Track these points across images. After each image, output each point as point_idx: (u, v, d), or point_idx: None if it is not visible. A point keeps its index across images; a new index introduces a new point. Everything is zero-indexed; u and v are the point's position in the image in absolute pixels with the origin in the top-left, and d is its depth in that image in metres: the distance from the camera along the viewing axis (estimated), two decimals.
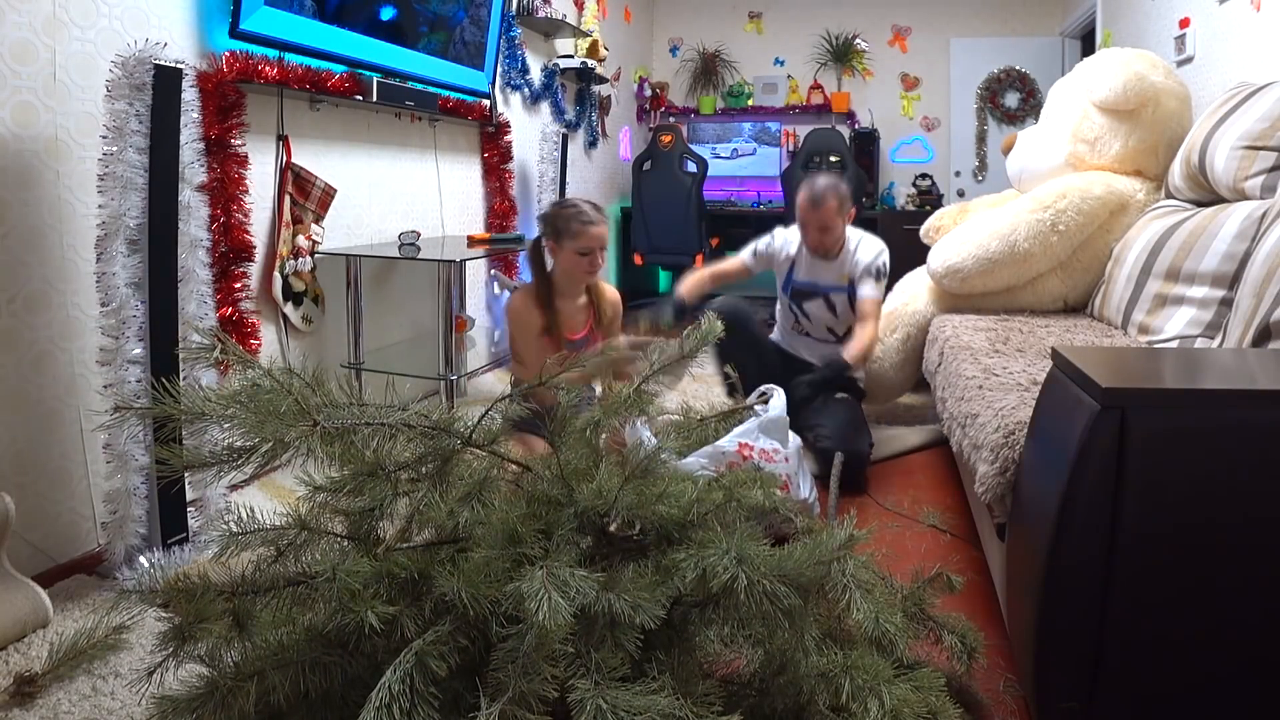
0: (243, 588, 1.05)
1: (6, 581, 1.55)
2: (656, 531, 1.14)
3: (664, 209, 4.76)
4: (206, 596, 1.01)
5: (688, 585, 1.03)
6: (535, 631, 0.87)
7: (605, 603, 0.94)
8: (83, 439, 1.85)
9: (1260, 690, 1.11)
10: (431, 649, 0.92)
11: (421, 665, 0.90)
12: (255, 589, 1.06)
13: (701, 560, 1.02)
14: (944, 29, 5.46)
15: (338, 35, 2.48)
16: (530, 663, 0.87)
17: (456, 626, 0.96)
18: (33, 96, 1.73)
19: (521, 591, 0.89)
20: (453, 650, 0.93)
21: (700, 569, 1.01)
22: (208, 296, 1.82)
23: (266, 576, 1.08)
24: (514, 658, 0.88)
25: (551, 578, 0.90)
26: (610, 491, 1.12)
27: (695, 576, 1.01)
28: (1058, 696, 1.15)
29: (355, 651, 1.01)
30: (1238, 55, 2.70)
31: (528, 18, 3.83)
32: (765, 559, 1.02)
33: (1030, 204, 2.68)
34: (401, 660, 0.90)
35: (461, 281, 3.14)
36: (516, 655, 0.88)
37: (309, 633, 1.02)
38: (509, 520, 1.05)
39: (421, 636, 0.93)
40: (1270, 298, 1.59)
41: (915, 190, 5.29)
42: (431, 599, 1.00)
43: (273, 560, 1.10)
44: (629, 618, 0.93)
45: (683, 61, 5.98)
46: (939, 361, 2.33)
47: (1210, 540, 1.06)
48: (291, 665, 0.98)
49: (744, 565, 0.99)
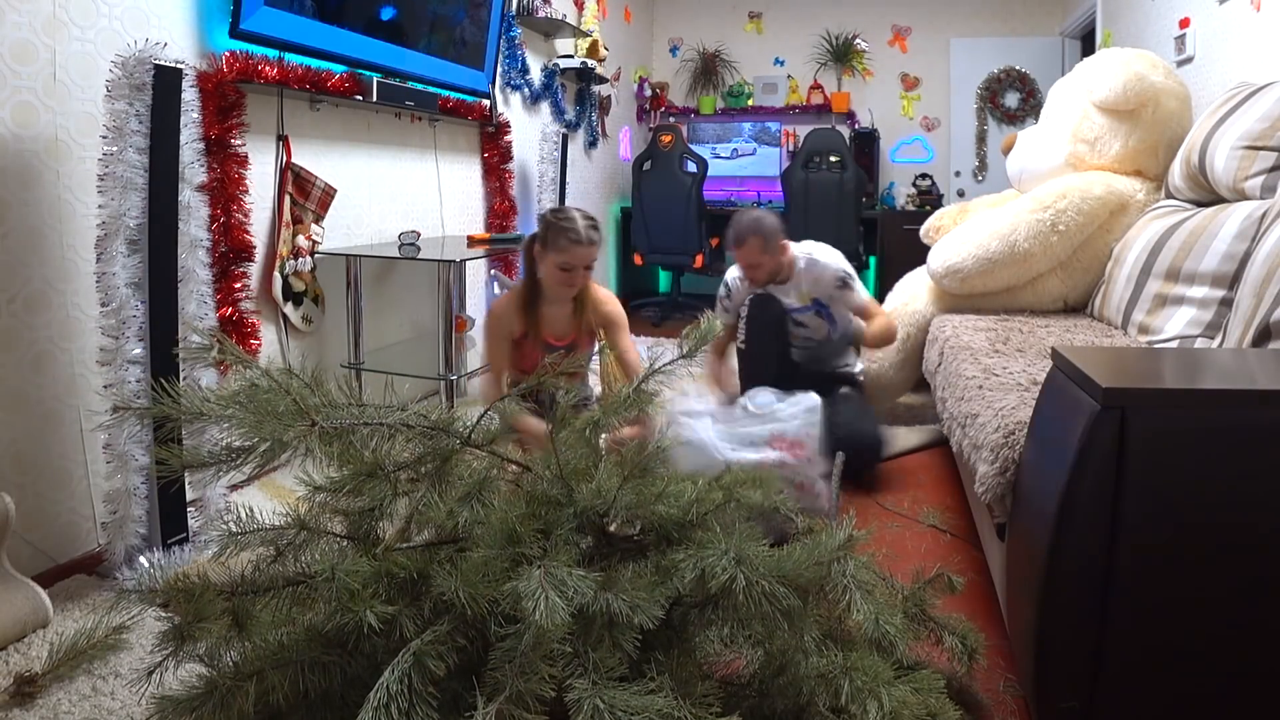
0: (242, 587, 1.06)
1: (6, 581, 1.55)
2: (656, 531, 1.14)
3: (664, 209, 4.76)
4: (206, 596, 1.01)
5: (687, 586, 1.03)
6: (533, 631, 0.87)
7: (603, 602, 0.94)
8: (83, 439, 1.85)
9: (1260, 690, 1.11)
10: (430, 649, 0.92)
11: (420, 665, 0.90)
12: (254, 589, 1.06)
13: (700, 560, 1.02)
14: (944, 29, 5.46)
15: (338, 35, 2.48)
16: (528, 662, 0.87)
17: (455, 626, 0.96)
18: (33, 96, 1.73)
19: (519, 591, 0.88)
20: (451, 650, 0.93)
21: (699, 569, 1.01)
22: (208, 296, 1.82)
23: (266, 576, 1.08)
24: (511, 657, 0.88)
25: (549, 577, 0.90)
26: (609, 491, 1.12)
27: (694, 577, 1.01)
28: (1058, 696, 1.15)
29: (355, 651, 1.01)
30: (1238, 55, 2.70)
31: (528, 18, 3.83)
32: (764, 559, 1.02)
33: (1030, 204, 2.68)
34: (400, 660, 0.90)
35: (461, 281, 3.13)
36: (514, 654, 0.88)
37: (309, 632, 1.02)
38: (508, 520, 1.05)
39: (420, 636, 0.93)
40: (1270, 298, 1.59)
41: (915, 190, 5.29)
42: (430, 599, 1.00)
43: (272, 560, 1.10)
44: (627, 618, 0.93)
45: (683, 61, 5.98)
46: (939, 361, 2.33)
47: (1210, 540, 1.06)
48: (291, 665, 0.98)
49: (743, 566, 0.99)
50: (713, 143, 5.70)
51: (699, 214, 4.73)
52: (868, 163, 5.19)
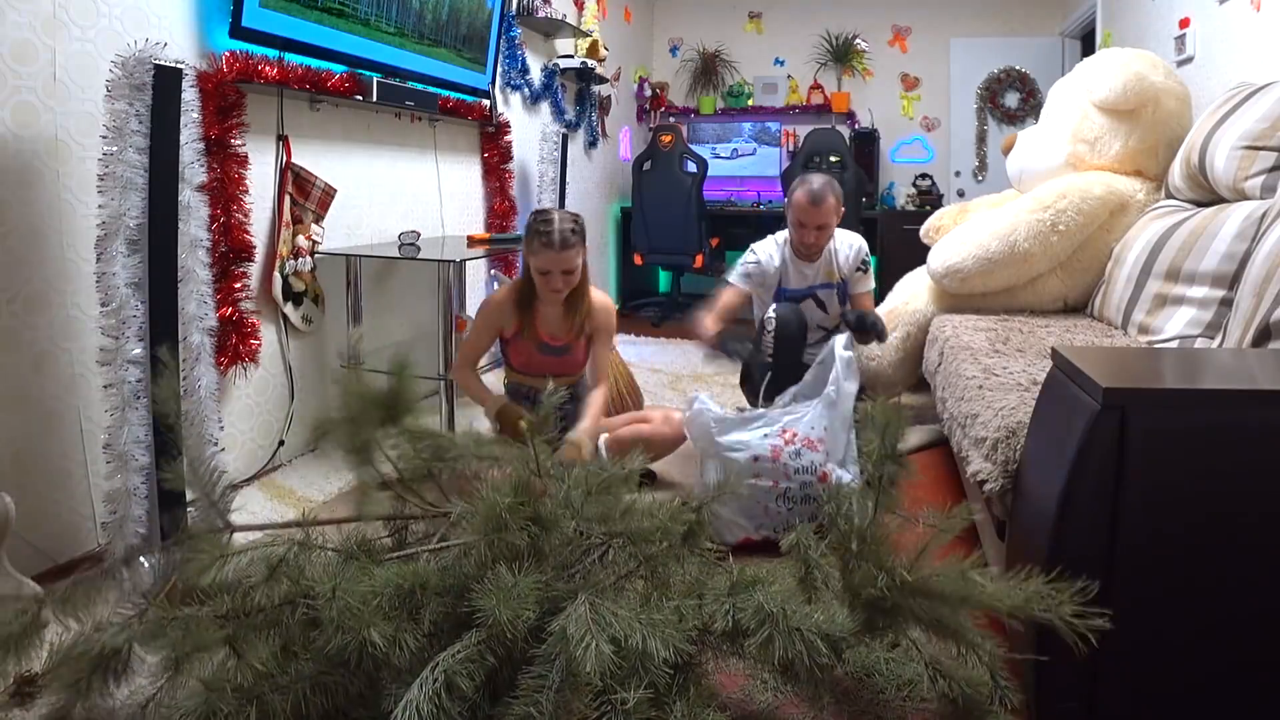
0: (236, 609, 1.04)
1: (6, 581, 1.55)
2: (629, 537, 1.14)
3: (664, 209, 4.75)
4: (201, 628, 0.99)
5: (718, 633, 1.03)
6: (565, 660, 0.86)
7: (640, 637, 0.93)
8: (83, 439, 1.85)
9: (1260, 690, 1.11)
10: (461, 666, 0.90)
11: (450, 684, 0.88)
12: (250, 612, 1.04)
13: (734, 606, 1.02)
14: (944, 29, 5.46)
15: (338, 34, 2.48)
16: (563, 701, 0.86)
17: (482, 642, 0.94)
18: (33, 96, 1.73)
19: (567, 633, 0.87)
20: (481, 669, 0.91)
21: (730, 619, 1.01)
22: (208, 296, 1.81)
23: (263, 597, 1.06)
24: (541, 686, 0.87)
25: (595, 615, 0.89)
26: (577, 502, 1.12)
27: (725, 624, 1.01)
28: (1058, 696, 1.15)
29: (357, 669, 0.99)
30: (1238, 55, 2.69)
31: (528, 18, 3.83)
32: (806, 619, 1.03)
33: (1030, 204, 2.68)
34: (429, 677, 0.88)
35: (461, 281, 3.13)
36: (545, 684, 0.87)
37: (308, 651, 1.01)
38: (495, 506, 1.04)
39: (449, 652, 0.92)
40: (1270, 298, 1.59)
41: (915, 190, 5.29)
42: (430, 612, 0.99)
43: (266, 577, 1.08)
44: (659, 654, 0.92)
45: (683, 61, 5.98)
46: (939, 361, 2.33)
47: (1210, 540, 1.06)
48: (291, 689, 0.96)
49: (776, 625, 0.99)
50: (713, 143, 5.70)
51: (699, 214, 4.73)
52: (868, 163, 5.19)
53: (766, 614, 1.01)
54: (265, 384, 2.45)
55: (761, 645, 0.99)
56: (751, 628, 0.99)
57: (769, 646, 0.99)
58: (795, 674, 1.05)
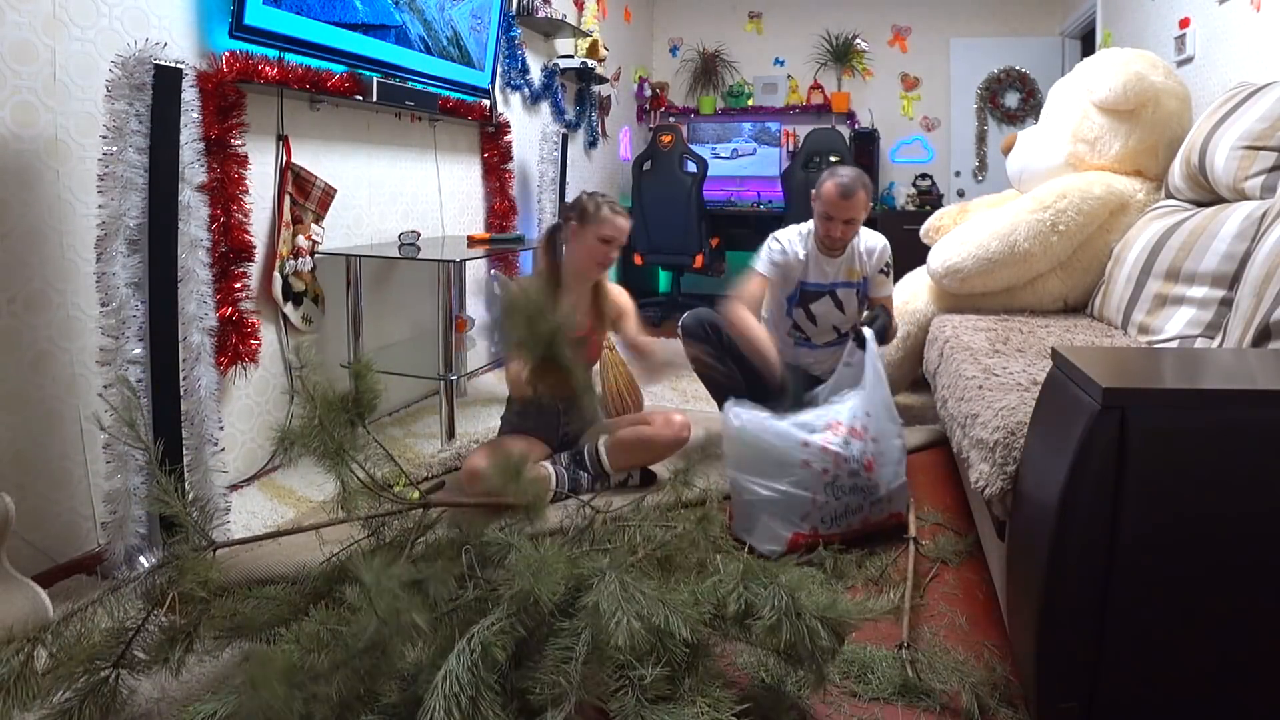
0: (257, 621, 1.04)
1: (6, 581, 1.55)
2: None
3: (664, 209, 4.75)
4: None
5: (729, 616, 1.04)
6: (592, 633, 0.88)
7: (663, 616, 0.95)
8: (83, 439, 1.85)
9: (1260, 690, 1.11)
10: (495, 638, 0.92)
11: (486, 653, 0.89)
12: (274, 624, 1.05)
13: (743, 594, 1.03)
14: (944, 29, 5.46)
15: (338, 32, 2.48)
16: (590, 673, 0.88)
17: (513, 615, 0.95)
18: (33, 96, 1.73)
19: (600, 608, 0.89)
20: (512, 640, 0.93)
21: (742, 602, 1.03)
22: (208, 296, 1.81)
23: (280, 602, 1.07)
24: (568, 658, 0.89)
25: (624, 593, 0.90)
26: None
27: (737, 608, 1.03)
28: (1058, 696, 1.15)
29: (384, 655, 0.99)
30: (1238, 55, 2.70)
31: (528, 18, 3.83)
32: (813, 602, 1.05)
33: (1030, 204, 2.68)
34: (467, 647, 0.90)
35: (461, 281, 3.13)
36: (570, 656, 0.89)
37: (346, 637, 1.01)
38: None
39: (483, 624, 0.94)
40: (1270, 298, 1.59)
41: (915, 190, 5.30)
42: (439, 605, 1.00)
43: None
44: (680, 633, 0.94)
45: (683, 61, 5.98)
46: (939, 361, 2.33)
47: (1210, 540, 1.06)
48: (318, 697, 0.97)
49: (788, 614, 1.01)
50: (713, 143, 5.69)
51: (699, 214, 4.73)
52: (868, 163, 5.18)
53: (777, 599, 1.02)
54: (265, 384, 2.45)
55: (769, 629, 1.01)
56: (765, 614, 1.01)
57: (776, 631, 1.01)
58: (798, 657, 1.06)
